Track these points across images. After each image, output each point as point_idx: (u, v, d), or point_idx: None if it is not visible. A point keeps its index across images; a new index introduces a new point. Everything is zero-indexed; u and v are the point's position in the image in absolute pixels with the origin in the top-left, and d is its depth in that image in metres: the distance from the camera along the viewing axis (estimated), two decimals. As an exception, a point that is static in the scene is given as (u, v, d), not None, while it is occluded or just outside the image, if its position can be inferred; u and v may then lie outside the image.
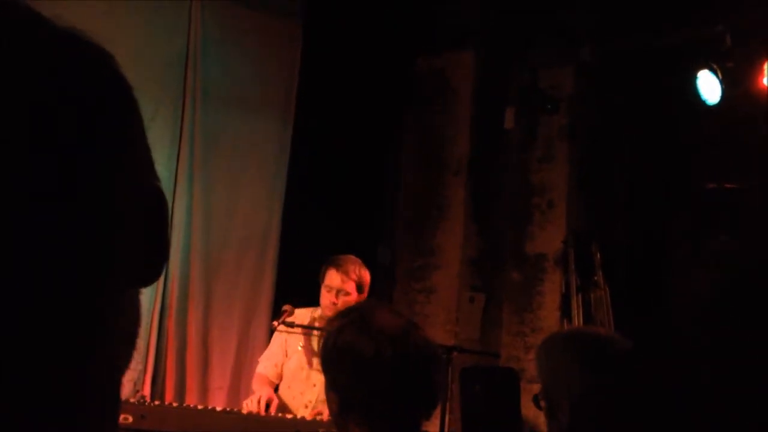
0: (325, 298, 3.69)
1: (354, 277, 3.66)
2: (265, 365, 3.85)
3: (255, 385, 3.82)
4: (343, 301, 3.64)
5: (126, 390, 4.40)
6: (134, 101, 0.54)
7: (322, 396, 3.67)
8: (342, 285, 3.65)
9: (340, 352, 1.67)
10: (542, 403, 1.96)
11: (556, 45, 5.60)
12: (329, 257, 3.78)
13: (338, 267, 3.68)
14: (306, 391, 3.74)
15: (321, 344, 1.75)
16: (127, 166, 0.51)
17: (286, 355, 3.82)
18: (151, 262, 0.54)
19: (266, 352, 3.91)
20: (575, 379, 1.89)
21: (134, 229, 0.51)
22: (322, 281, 3.72)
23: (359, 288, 3.68)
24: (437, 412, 2.31)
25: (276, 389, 3.82)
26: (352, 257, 3.76)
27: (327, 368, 1.72)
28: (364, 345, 1.65)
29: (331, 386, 1.70)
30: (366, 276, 3.71)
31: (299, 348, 3.76)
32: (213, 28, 4.96)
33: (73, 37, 0.51)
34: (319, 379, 3.72)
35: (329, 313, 3.64)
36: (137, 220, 0.52)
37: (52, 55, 0.49)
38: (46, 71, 0.48)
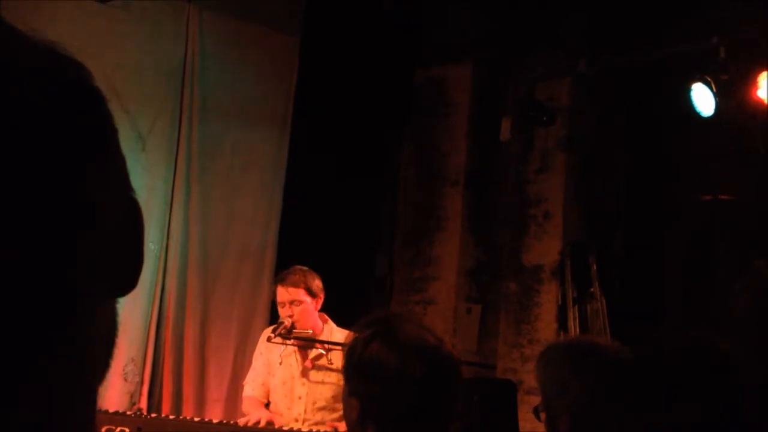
0: (281, 313, 3.74)
1: (301, 285, 3.71)
2: (253, 386, 3.84)
3: (247, 408, 3.79)
4: (298, 311, 3.67)
5: (123, 402, 4.39)
6: (108, 113, 0.54)
7: (310, 405, 3.69)
8: (292, 296, 3.70)
9: (366, 363, 1.67)
10: (542, 415, 1.97)
11: (553, 57, 5.62)
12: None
13: (283, 282, 3.74)
14: (293, 405, 3.74)
15: (345, 351, 1.74)
16: (100, 177, 0.51)
17: (270, 373, 3.83)
18: (125, 272, 0.54)
19: (251, 374, 3.90)
20: (575, 389, 1.89)
21: (108, 239, 0.52)
22: (276, 300, 3.77)
23: (310, 293, 3.72)
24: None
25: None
26: (297, 268, 3.82)
27: (350, 376, 1.72)
28: (391, 359, 1.65)
29: (352, 393, 1.69)
30: (313, 281, 3.74)
31: (279, 364, 3.76)
32: (210, 41, 4.97)
33: (47, 50, 0.51)
34: (303, 391, 3.74)
35: (288, 323, 3.67)
36: (111, 230, 0.52)
37: (25, 68, 0.49)
38: (19, 83, 0.48)
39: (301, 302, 3.69)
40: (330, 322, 3.82)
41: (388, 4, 5.53)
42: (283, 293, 3.72)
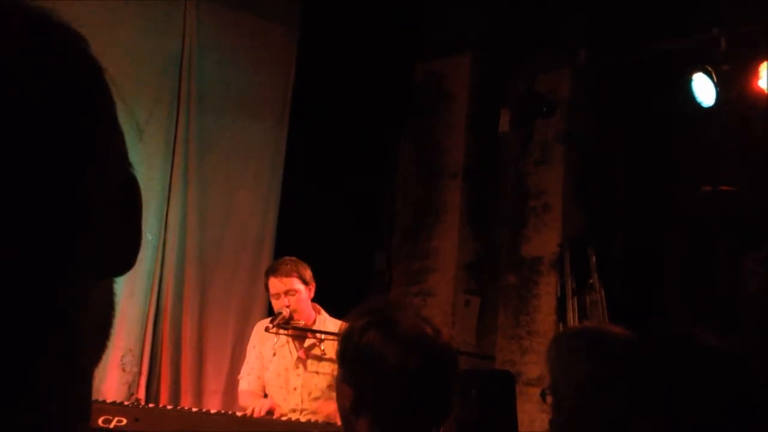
0: (276, 304, 3.74)
1: (294, 274, 3.71)
2: (248, 380, 3.84)
3: (245, 401, 3.78)
4: (294, 300, 3.66)
5: (121, 392, 4.38)
6: (106, 85, 0.52)
7: (306, 396, 3.69)
8: (286, 286, 3.69)
9: (362, 353, 1.65)
10: (548, 398, 1.96)
11: (552, 50, 5.60)
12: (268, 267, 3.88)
13: (275, 273, 3.74)
14: (288, 397, 3.74)
15: (341, 339, 1.72)
16: (96, 153, 0.49)
17: (264, 366, 3.82)
18: (122, 252, 0.52)
19: (245, 368, 3.88)
20: (581, 374, 1.89)
21: (104, 218, 0.49)
22: (269, 292, 3.77)
23: (303, 281, 3.73)
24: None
25: None
26: (286, 258, 3.83)
27: (345, 364, 1.69)
28: (388, 350, 1.62)
29: (346, 381, 1.67)
30: (305, 270, 3.75)
31: (272, 356, 3.76)
32: (208, 32, 4.95)
33: (44, 18, 0.49)
34: (299, 382, 3.73)
35: (286, 313, 3.66)
36: (107, 209, 0.50)
37: (19, 36, 0.47)
38: (13, 53, 0.46)
39: (296, 291, 3.69)
40: (323, 312, 3.82)
41: None
42: (276, 284, 3.72)
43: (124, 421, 3.23)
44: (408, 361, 1.62)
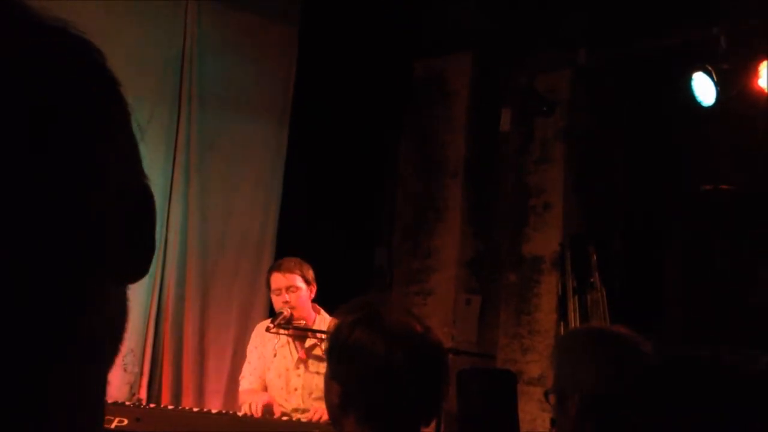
0: (277, 301, 3.76)
1: (297, 271, 3.75)
2: (250, 380, 3.84)
3: (245, 399, 3.79)
4: (294, 297, 3.69)
5: (123, 393, 4.39)
6: (119, 95, 0.52)
7: (307, 396, 3.70)
8: (288, 282, 3.72)
9: (350, 348, 1.64)
10: (551, 398, 1.96)
11: (553, 48, 5.60)
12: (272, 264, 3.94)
13: (279, 269, 3.78)
14: (289, 397, 3.75)
15: (330, 335, 1.72)
16: (109, 163, 0.50)
17: (266, 367, 3.83)
18: (136, 259, 0.53)
19: (246, 368, 3.89)
20: (591, 374, 1.89)
21: (118, 226, 0.50)
22: (270, 288, 3.80)
23: (305, 280, 3.76)
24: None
25: None
26: (290, 258, 3.88)
27: (333, 360, 1.69)
28: (376, 345, 1.61)
29: (335, 377, 1.66)
30: (307, 270, 3.80)
31: (273, 356, 3.78)
32: (209, 32, 4.96)
33: (58, 29, 0.50)
34: (299, 383, 3.74)
35: (287, 313, 3.67)
36: (121, 217, 0.50)
37: (33, 46, 0.47)
38: (26, 63, 0.47)
39: (297, 288, 3.72)
40: (323, 312, 3.83)
41: None
42: (279, 279, 3.74)
43: (126, 421, 3.23)
44: (395, 357, 1.61)
